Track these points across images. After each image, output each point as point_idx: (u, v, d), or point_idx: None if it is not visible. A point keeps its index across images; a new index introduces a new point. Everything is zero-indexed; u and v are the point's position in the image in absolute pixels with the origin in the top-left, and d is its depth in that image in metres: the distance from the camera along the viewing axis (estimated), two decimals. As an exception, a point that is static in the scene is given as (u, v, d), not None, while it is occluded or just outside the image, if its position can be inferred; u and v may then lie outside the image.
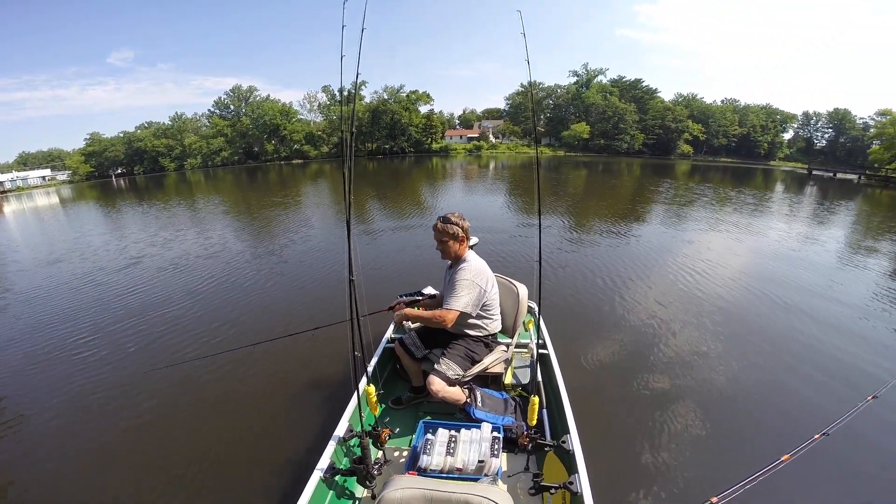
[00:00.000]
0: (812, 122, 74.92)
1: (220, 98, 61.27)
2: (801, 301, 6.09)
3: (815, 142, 75.14)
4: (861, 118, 66.80)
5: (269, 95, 61.93)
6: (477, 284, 2.66)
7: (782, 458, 1.96)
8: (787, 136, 75.47)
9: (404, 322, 3.36)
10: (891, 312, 5.79)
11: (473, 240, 3.23)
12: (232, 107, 60.92)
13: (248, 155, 59.20)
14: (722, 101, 72.24)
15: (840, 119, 70.36)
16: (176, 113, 60.37)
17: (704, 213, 14.50)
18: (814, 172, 44.51)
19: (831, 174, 42.31)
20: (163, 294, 6.60)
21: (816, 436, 2.11)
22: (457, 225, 2.67)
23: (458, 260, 2.76)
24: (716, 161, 60.40)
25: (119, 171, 57.69)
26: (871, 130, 54.61)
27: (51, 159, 66.25)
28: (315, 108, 65.50)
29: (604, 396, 3.83)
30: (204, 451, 3.21)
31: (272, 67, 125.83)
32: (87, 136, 60.20)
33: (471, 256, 2.75)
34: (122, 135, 59.58)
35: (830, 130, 73.00)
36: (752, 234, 10.96)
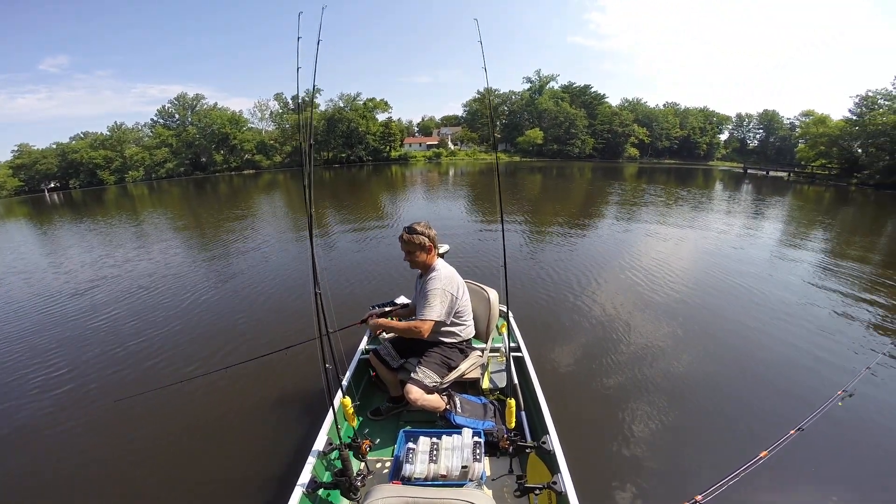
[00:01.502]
0: (745, 123, 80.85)
1: (163, 107, 57.89)
2: (761, 297, 6.42)
3: (749, 142, 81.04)
4: (788, 119, 72.54)
5: (216, 104, 59.28)
6: (448, 292, 2.68)
7: (760, 455, 2.05)
8: (724, 137, 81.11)
9: (378, 333, 3.35)
10: (849, 305, 6.14)
11: (444, 247, 3.27)
12: (177, 116, 57.75)
13: (195, 166, 56.29)
14: (664, 105, 76.79)
15: (769, 120, 76.39)
16: (115, 122, 56.60)
17: (655, 212, 15.35)
18: (748, 171, 48.20)
19: (764, 172, 45.90)
20: (124, 320, 6.07)
21: (792, 431, 2.21)
22: (423, 235, 2.68)
23: (427, 269, 2.76)
24: (660, 163, 64.12)
25: (52, 185, 52.99)
26: (797, 130, 59.43)
27: (-29, 173, 60.04)
28: (266, 116, 63.52)
29: (580, 395, 3.91)
30: (181, 477, 3.08)
31: (221, 75, 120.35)
32: (15, 148, 54.85)
33: (440, 265, 2.77)
34: (55, 146, 54.88)
35: (761, 131, 79.04)
36: (702, 231, 11.74)
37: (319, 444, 2.31)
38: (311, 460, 2.20)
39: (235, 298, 6.74)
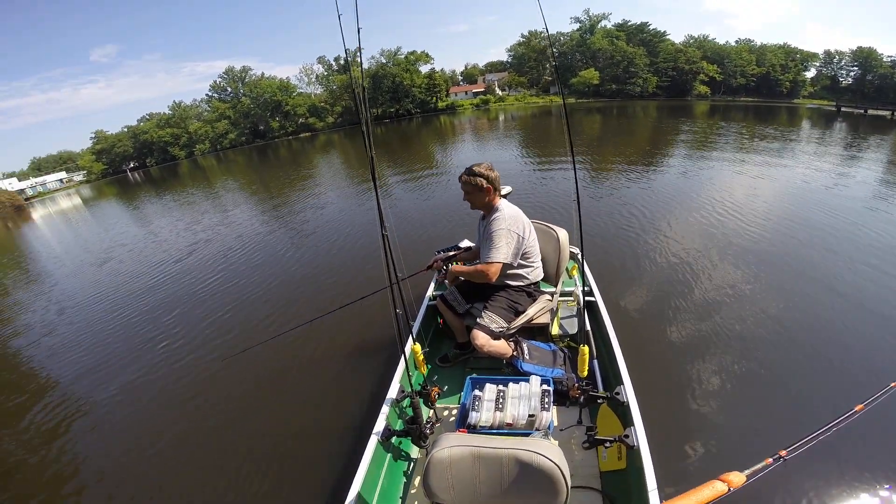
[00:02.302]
0: (835, 60, 69.51)
1: (215, 82, 60.40)
2: (853, 246, 5.58)
3: (841, 80, 69.82)
4: (889, 56, 61.45)
5: (263, 73, 60.76)
6: (514, 232, 2.49)
7: (855, 409, 1.80)
8: (810, 74, 70.50)
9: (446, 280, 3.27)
10: None
11: (506, 189, 3.04)
12: (229, 89, 60.07)
13: (255, 134, 58.80)
14: (736, 42, 67.64)
15: (865, 57, 65.05)
16: (174, 101, 60.21)
17: (733, 151, 13.77)
18: (842, 109, 41.51)
19: (862, 111, 39.36)
20: (220, 283, 6.44)
21: (893, 384, 1.94)
22: (480, 176, 2.50)
23: (490, 210, 2.59)
24: (735, 101, 57.37)
25: (132, 165, 58.20)
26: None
27: (62, 162, 67.12)
28: (313, 80, 64.15)
29: (657, 344, 3.66)
30: (270, 427, 3.29)
31: (260, 45, 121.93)
32: (93, 135, 60.24)
33: (503, 205, 2.58)
34: (126, 129, 59.60)
35: (856, 68, 67.65)
36: (787, 171, 10.39)
37: (392, 392, 2.33)
38: (384, 409, 2.22)
39: (312, 253, 7.04)
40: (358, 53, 2.69)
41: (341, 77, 58.28)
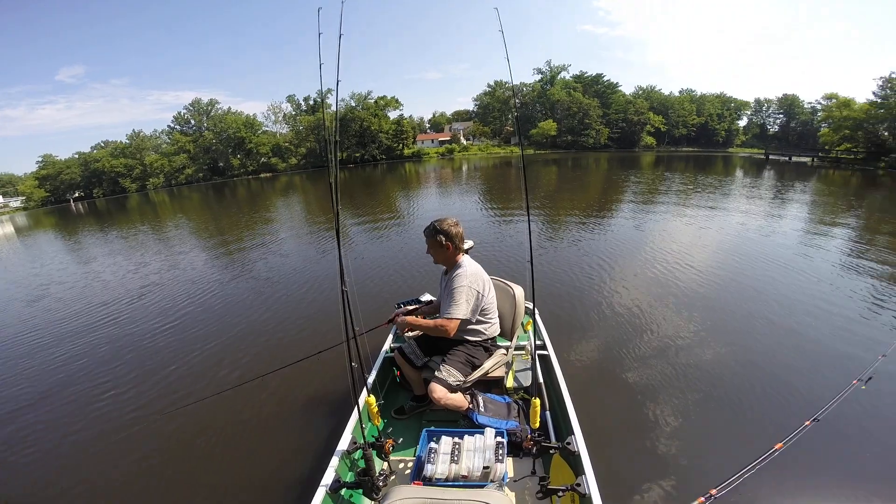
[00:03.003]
0: (764, 108, 78.49)
1: (179, 113, 59.10)
2: (776, 287, 6.27)
3: (769, 127, 78.64)
4: (809, 103, 70.03)
5: (230, 108, 60.25)
6: (474, 289, 2.65)
7: (776, 447, 2.01)
8: (742, 123, 78.96)
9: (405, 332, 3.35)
10: (864, 292, 5.99)
11: (468, 243, 3.22)
12: (193, 121, 58.91)
13: (213, 171, 57.37)
14: (679, 92, 75.05)
15: (789, 104, 73.93)
16: (133, 130, 58.20)
17: (676, 201, 15.03)
18: (770, 157, 46.79)
19: (787, 158, 44.53)
20: (169, 329, 6.11)
21: (807, 422, 2.16)
22: (441, 233, 2.66)
23: (453, 266, 2.73)
24: (678, 151, 62.78)
25: (77, 195, 54.51)
26: (820, 114, 57.23)
27: (1, 185, 62.38)
28: (280, 119, 64.39)
29: (605, 393, 3.86)
30: (216, 482, 3.16)
31: (232, 80, 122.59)
32: (40, 159, 56.53)
33: (465, 261, 2.73)
34: (77, 156, 56.42)
35: (782, 116, 76.57)
36: (724, 219, 11.43)
37: (344, 443, 2.32)
38: (334, 460, 2.21)
39: (268, 305, 6.74)
40: (333, 104, 2.74)
41: (309, 118, 58.80)
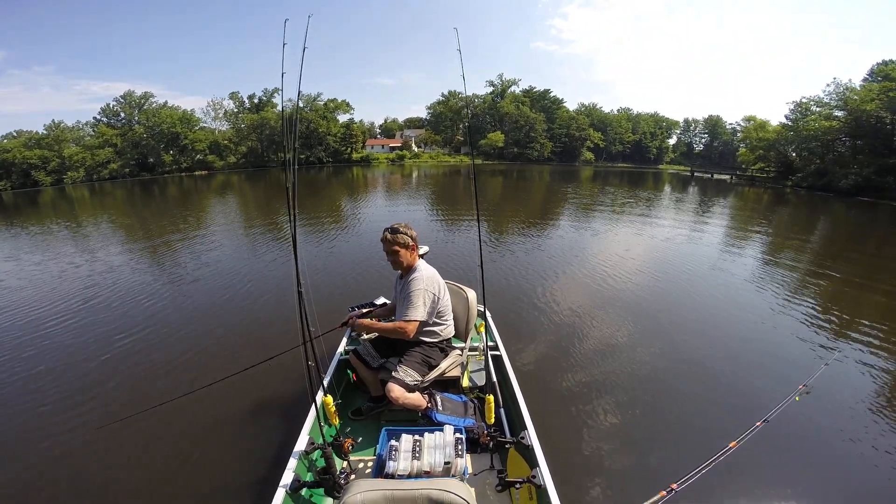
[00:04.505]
0: (691, 127, 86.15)
1: (108, 105, 53.87)
2: (717, 294, 6.94)
3: (695, 146, 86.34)
4: (730, 124, 77.62)
5: (166, 102, 56.08)
6: (430, 292, 2.73)
7: (730, 445, 2.21)
8: (672, 141, 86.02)
9: (360, 335, 3.35)
10: (803, 300, 6.65)
11: (423, 248, 3.31)
12: (123, 114, 54.07)
13: (141, 167, 52.91)
14: (618, 111, 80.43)
15: (713, 125, 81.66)
16: (53, 121, 52.13)
17: (611, 213, 16.06)
18: (695, 174, 51.32)
19: (709, 175, 49.05)
20: (102, 338, 5.53)
21: (758, 423, 2.39)
22: (405, 234, 2.73)
23: (409, 270, 2.80)
24: (614, 166, 66.99)
25: (-22, 186, 48.23)
26: (739, 135, 63.55)
27: None
28: (220, 115, 60.98)
29: (557, 390, 4.05)
30: (164, 494, 2.98)
31: (176, 73, 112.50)
32: (-61, 147, 49.38)
33: (421, 265, 2.81)
34: (-19, 145, 50.01)
35: (706, 135, 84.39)
36: (656, 231, 12.40)
37: (301, 444, 2.30)
38: (292, 461, 2.19)
39: (214, 310, 6.37)
40: (285, 107, 2.93)
41: (252, 116, 56.24)
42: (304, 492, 2.15)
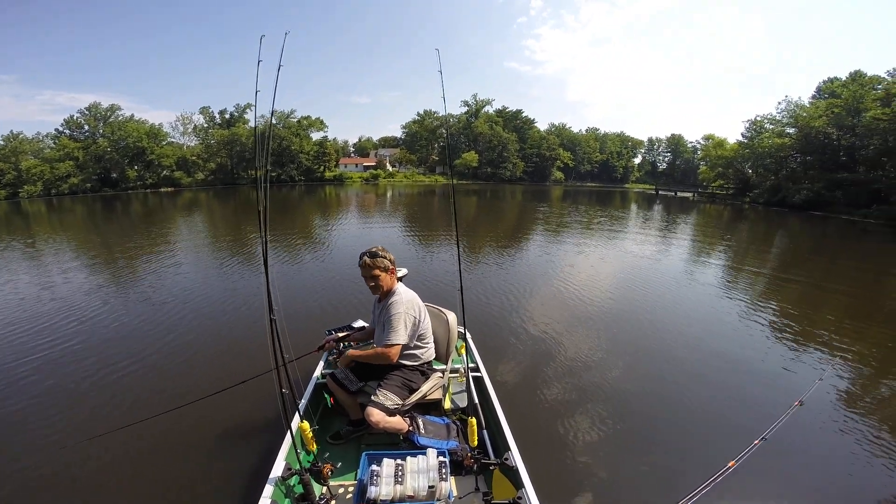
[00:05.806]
0: (655, 146, 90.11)
1: (72, 116, 51.84)
2: (704, 311, 7.18)
3: (659, 165, 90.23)
4: (691, 142, 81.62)
5: (132, 115, 54.36)
6: (411, 315, 2.74)
7: (729, 465, 2.14)
8: (637, 160, 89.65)
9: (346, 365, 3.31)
10: (796, 318, 6.85)
11: (402, 271, 3.32)
12: (87, 127, 52.03)
13: (104, 182, 50.69)
14: (586, 130, 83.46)
15: (675, 144, 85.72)
16: (11, 132, 49.71)
17: (582, 232, 16.54)
18: (660, 192, 53.64)
19: (673, 193, 51.33)
20: (64, 362, 5.21)
21: (756, 441, 2.39)
22: (384, 258, 2.74)
23: (388, 293, 2.80)
24: (583, 186, 69.25)
25: (-77, 200, 44.83)
26: (699, 153, 66.75)
27: None
28: (189, 130, 59.61)
29: (540, 410, 4.03)
30: None
31: (146, 86, 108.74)
32: None
33: (401, 288, 2.83)
34: (-73, 156, 46.79)
35: (669, 154, 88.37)
36: (625, 247, 12.83)
37: (278, 469, 2.23)
38: (268, 488, 2.12)
39: (182, 333, 6.08)
40: (258, 125, 2.75)
41: (223, 132, 55.24)
42: None
